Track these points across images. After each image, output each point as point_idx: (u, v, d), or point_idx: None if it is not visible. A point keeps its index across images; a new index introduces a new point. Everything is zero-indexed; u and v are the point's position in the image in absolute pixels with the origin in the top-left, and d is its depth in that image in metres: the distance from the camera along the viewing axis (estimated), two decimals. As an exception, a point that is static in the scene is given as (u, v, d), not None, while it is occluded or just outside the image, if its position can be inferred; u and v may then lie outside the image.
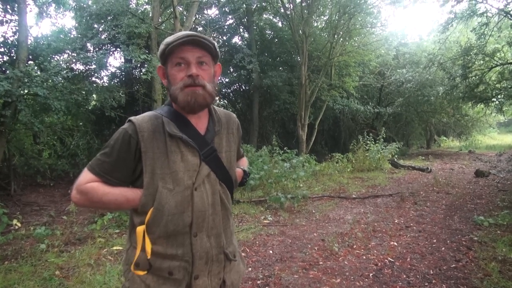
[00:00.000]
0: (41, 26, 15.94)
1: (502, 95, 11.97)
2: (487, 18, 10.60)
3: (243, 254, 4.15)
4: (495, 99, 12.42)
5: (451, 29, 12.30)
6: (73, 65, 9.23)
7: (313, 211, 6.23)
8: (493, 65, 11.41)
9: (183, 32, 1.30)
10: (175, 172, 1.27)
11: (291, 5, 13.55)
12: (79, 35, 10.19)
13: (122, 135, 1.27)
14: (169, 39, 1.29)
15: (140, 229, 1.26)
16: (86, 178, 1.27)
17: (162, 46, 1.31)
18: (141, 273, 1.28)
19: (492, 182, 9.25)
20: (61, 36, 9.71)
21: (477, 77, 11.70)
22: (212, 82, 1.34)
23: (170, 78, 1.32)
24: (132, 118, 1.30)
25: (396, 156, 13.07)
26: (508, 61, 11.08)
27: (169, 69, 1.32)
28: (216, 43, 1.35)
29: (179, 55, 1.28)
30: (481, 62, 11.89)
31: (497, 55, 11.49)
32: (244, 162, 1.74)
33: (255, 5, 14.16)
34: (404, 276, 3.57)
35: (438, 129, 25.93)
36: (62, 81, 7.69)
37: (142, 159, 1.25)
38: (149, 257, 1.26)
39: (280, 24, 16.88)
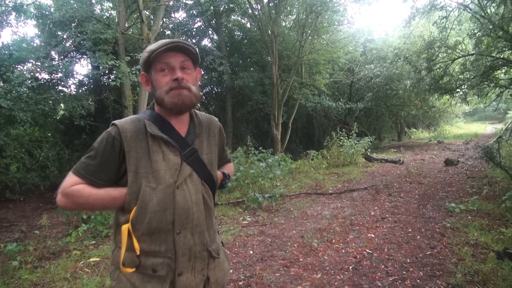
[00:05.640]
0: (2, 36, 15.37)
1: (466, 86, 12.40)
2: (446, 11, 11.01)
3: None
4: (459, 90, 12.84)
5: (414, 23, 12.72)
6: (37, 75, 8.96)
7: (291, 209, 6.27)
8: (456, 57, 11.83)
9: (166, 40, 1.35)
10: (157, 171, 1.31)
11: (258, 5, 13.59)
12: (43, 44, 9.89)
13: (106, 137, 1.32)
14: (152, 46, 1.35)
15: (125, 227, 1.29)
16: (71, 181, 1.30)
17: (145, 54, 1.36)
18: (130, 270, 1.31)
19: (461, 170, 9.60)
20: (24, 45, 9.36)
21: (441, 69, 12.08)
22: (195, 85, 1.41)
23: (154, 83, 1.37)
24: (115, 121, 1.36)
25: (369, 150, 13.33)
26: (470, 53, 11.49)
27: (153, 75, 1.37)
28: (196, 49, 1.41)
29: (163, 61, 1.34)
30: (444, 54, 12.31)
31: (459, 47, 11.90)
32: (230, 168, 1.78)
33: (222, 6, 14.13)
34: (383, 266, 3.65)
35: (408, 122, 26.73)
36: (27, 92, 7.45)
37: (126, 159, 1.31)
38: (138, 253, 1.29)
39: (248, 25, 16.94)
